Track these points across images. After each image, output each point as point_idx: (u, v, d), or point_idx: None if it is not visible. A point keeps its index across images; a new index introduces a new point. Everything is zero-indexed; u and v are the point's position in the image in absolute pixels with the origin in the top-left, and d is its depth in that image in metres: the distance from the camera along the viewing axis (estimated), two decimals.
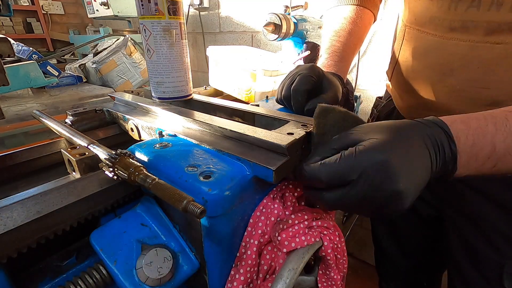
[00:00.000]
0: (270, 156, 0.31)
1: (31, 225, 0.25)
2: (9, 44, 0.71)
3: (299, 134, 0.34)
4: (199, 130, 0.40)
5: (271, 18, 0.91)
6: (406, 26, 0.55)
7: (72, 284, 0.28)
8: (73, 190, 0.30)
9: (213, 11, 1.79)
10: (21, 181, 0.45)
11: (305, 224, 0.32)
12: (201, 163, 0.31)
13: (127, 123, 0.49)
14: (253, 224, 0.33)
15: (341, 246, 0.34)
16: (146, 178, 0.28)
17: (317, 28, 1.04)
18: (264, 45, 1.60)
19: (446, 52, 0.47)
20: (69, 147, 0.38)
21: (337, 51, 0.60)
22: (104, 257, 0.28)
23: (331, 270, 0.34)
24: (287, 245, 0.30)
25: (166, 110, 0.44)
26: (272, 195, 0.35)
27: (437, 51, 0.48)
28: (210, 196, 0.27)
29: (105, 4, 1.79)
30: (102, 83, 1.68)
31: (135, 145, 0.36)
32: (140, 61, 1.71)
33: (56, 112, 1.25)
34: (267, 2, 1.52)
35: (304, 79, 0.46)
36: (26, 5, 2.95)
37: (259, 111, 0.46)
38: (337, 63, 0.58)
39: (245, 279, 0.32)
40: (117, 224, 0.32)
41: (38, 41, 3.11)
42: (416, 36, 0.52)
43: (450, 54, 0.46)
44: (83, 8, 2.01)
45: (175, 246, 0.32)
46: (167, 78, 0.51)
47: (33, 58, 1.32)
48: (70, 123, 0.52)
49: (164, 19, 0.47)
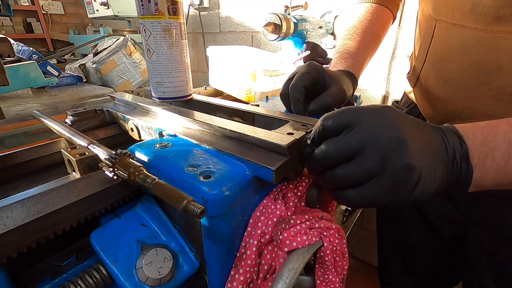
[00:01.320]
0: (270, 156, 0.31)
1: (31, 225, 0.25)
2: (9, 44, 0.71)
3: (299, 134, 0.34)
4: (199, 130, 0.40)
5: (271, 18, 0.91)
6: (437, 21, 0.47)
7: (72, 284, 0.28)
8: (73, 190, 0.30)
9: (213, 11, 1.79)
10: (21, 181, 0.45)
11: (307, 224, 0.32)
12: (201, 163, 0.31)
13: (127, 123, 0.49)
14: (253, 224, 0.33)
15: (340, 248, 0.34)
16: (146, 178, 0.28)
17: (317, 28, 1.04)
18: (264, 45, 1.60)
19: (491, 49, 0.40)
20: (69, 147, 0.38)
21: (347, 49, 0.56)
22: (104, 257, 0.28)
23: (329, 273, 0.34)
24: (289, 244, 0.30)
25: (166, 110, 0.44)
26: (272, 195, 0.35)
27: (479, 47, 0.41)
28: (210, 196, 0.27)
29: (105, 4, 1.79)
30: (102, 83, 1.68)
31: (135, 145, 0.36)
32: (140, 61, 1.71)
33: (56, 112, 1.25)
34: (267, 2, 1.52)
35: (302, 76, 0.44)
36: (26, 5, 2.95)
37: (259, 111, 0.46)
38: (347, 60, 0.55)
39: (245, 279, 0.32)
40: (117, 224, 0.32)
41: (38, 41, 3.11)
42: (451, 31, 0.44)
43: (497, 51, 0.39)
44: (83, 8, 2.00)
45: (175, 246, 0.32)
46: (167, 78, 0.51)
47: (33, 58, 1.32)
48: (70, 123, 0.52)
49: (164, 19, 0.47)
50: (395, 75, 1.23)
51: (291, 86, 0.45)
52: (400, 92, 1.05)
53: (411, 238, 0.68)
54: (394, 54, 1.20)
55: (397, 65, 1.20)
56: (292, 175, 0.35)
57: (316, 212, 0.34)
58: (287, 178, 0.36)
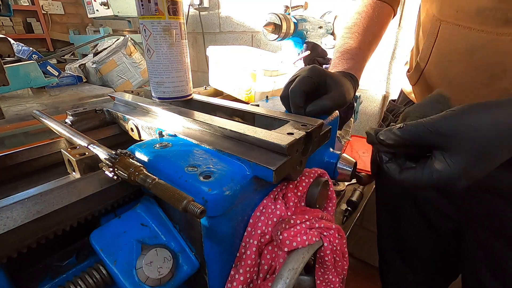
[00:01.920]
0: (270, 156, 0.31)
1: (31, 225, 0.25)
2: (9, 44, 0.71)
3: (299, 134, 0.34)
4: (199, 130, 0.40)
5: (271, 18, 0.91)
6: (441, 21, 0.46)
7: (72, 284, 0.28)
8: (73, 190, 0.30)
9: (213, 11, 1.79)
10: (21, 181, 0.45)
11: (307, 224, 0.32)
12: (201, 163, 0.31)
13: (127, 123, 0.49)
14: (253, 224, 0.33)
15: (340, 248, 0.34)
16: (146, 178, 0.28)
17: (317, 28, 1.04)
18: (264, 45, 1.60)
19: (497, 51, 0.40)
20: (69, 147, 0.38)
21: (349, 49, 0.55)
22: (104, 257, 0.28)
23: (329, 273, 0.34)
24: (289, 244, 0.30)
25: (166, 110, 0.44)
26: (272, 195, 0.35)
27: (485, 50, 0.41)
28: (210, 196, 0.27)
29: (105, 4, 1.79)
30: (102, 83, 1.68)
31: (135, 145, 0.36)
32: (140, 61, 1.71)
33: (56, 112, 1.25)
34: (267, 2, 1.52)
35: (302, 80, 0.44)
36: (26, 5, 2.95)
37: (259, 111, 0.46)
38: (348, 61, 0.54)
39: (245, 279, 0.32)
40: (117, 224, 0.32)
41: (38, 41, 3.11)
42: (456, 33, 0.44)
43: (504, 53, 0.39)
44: (83, 8, 2.00)
45: (175, 246, 0.32)
46: (167, 78, 0.51)
47: (33, 58, 1.32)
48: (70, 123, 0.52)
49: (164, 19, 0.47)
50: (395, 75, 1.23)
51: (291, 90, 0.44)
52: None
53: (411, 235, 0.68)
54: (394, 54, 1.20)
55: (397, 65, 1.20)
56: (292, 175, 0.35)
57: (316, 212, 0.34)
58: (287, 178, 0.36)
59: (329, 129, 0.42)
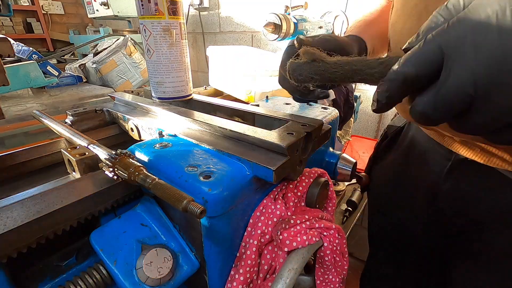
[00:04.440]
0: (270, 156, 0.31)
1: (31, 225, 0.25)
2: (9, 44, 0.71)
3: (299, 134, 0.34)
4: (199, 130, 0.40)
5: (271, 18, 0.91)
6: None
7: (72, 284, 0.28)
8: (73, 190, 0.30)
9: (213, 11, 1.79)
10: (21, 181, 0.45)
11: (307, 224, 0.32)
12: (201, 163, 0.31)
13: (127, 123, 0.49)
14: (253, 224, 0.33)
15: (340, 248, 0.34)
16: (146, 178, 0.28)
17: (317, 28, 1.04)
18: (264, 45, 1.60)
19: None
20: (69, 147, 0.38)
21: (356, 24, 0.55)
22: (104, 257, 0.28)
23: (329, 273, 0.34)
24: (289, 244, 0.30)
25: (166, 110, 0.44)
26: (272, 195, 0.35)
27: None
28: (210, 196, 0.27)
29: (105, 4, 1.79)
30: (102, 83, 1.68)
31: (135, 145, 0.36)
32: (140, 61, 1.71)
33: (56, 112, 1.25)
34: (267, 2, 1.52)
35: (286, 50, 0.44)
36: (26, 5, 2.94)
37: (259, 111, 0.46)
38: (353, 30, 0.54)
39: (245, 279, 0.32)
40: (117, 224, 0.32)
41: (38, 41, 3.11)
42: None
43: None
44: (83, 8, 2.01)
45: (175, 246, 0.32)
46: (167, 78, 0.51)
47: (33, 58, 1.32)
48: (70, 123, 0.52)
49: (164, 19, 0.47)
50: None
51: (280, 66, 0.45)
52: None
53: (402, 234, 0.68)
54: None
55: None
56: (292, 175, 0.35)
57: (316, 212, 0.34)
58: (287, 178, 0.36)
59: (329, 129, 0.42)
